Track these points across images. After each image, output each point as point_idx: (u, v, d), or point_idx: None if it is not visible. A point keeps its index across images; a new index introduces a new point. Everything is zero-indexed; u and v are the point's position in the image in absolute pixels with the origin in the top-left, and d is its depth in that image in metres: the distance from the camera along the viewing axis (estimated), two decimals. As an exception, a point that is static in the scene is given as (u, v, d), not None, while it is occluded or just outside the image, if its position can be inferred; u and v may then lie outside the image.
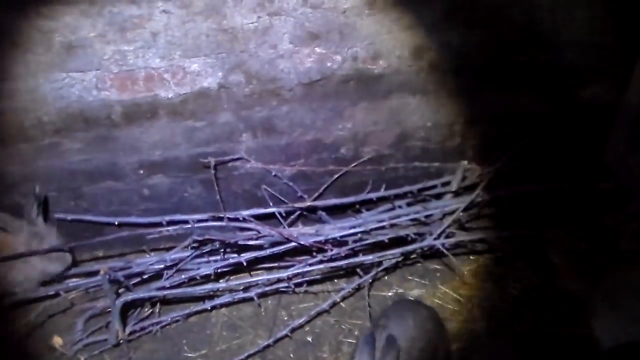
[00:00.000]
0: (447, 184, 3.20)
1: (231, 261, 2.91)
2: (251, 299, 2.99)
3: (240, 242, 2.89)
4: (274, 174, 3.02)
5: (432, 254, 3.24)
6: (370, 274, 3.03)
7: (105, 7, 2.32)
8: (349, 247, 2.94)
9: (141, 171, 2.88)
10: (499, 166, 3.16)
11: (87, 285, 2.94)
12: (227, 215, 2.92)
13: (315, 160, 3.05)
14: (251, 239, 2.89)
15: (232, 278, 3.09)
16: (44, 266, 2.85)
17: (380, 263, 3.05)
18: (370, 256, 2.97)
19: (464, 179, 3.19)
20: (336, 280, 3.21)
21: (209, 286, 2.93)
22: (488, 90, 2.98)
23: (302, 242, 2.87)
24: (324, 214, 3.13)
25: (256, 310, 3.09)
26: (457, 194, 3.18)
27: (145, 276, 2.95)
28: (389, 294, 3.17)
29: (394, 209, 3.09)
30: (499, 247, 3.24)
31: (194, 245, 2.91)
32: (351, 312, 3.10)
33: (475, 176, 3.15)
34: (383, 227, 3.00)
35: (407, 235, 3.00)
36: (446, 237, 3.02)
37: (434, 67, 2.81)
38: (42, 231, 2.84)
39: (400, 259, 3.12)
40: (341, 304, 3.12)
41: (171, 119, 2.71)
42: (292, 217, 3.15)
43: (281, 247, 2.91)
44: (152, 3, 2.34)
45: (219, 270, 2.94)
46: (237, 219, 2.95)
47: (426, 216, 3.05)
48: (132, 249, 3.17)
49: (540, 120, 3.17)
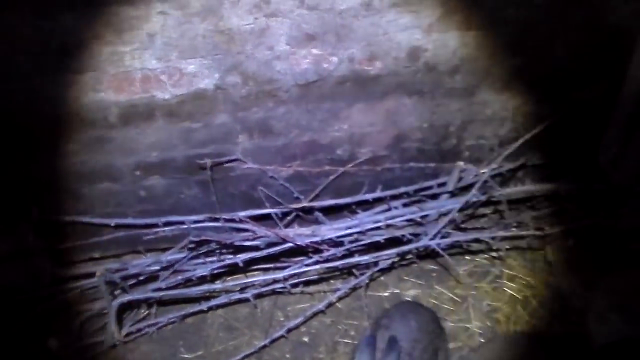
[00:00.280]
0: (443, 184, 3.20)
1: (227, 262, 2.92)
2: (247, 300, 3.00)
3: (237, 243, 2.90)
4: (270, 175, 3.02)
5: (428, 254, 3.26)
6: (366, 275, 3.05)
7: (101, 8, 2.31)
8: (345, 247, 2.96)
9: (138, 172, 2.88)
10: (495, 167, 3.18)
11: (84, 287, 2.93)
12: (223, 217, 2.93)
13: (311, 161, 3.05)
14: (247, 239, 2.90)
15: (228, 279, 3.11)
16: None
17: (376, 263, 3.07)
18: (366, 256, 2.98)
19: (460, 179, 3.19)
20: (332, 281, 3.22)
21: (205, 287, 2.94)
22: (484, 91, 2.98)
23: (298, 243, 2.88)
24: (320, 214, 3.13)
25: (252, 311, 3.11)
26: (453, 194, 3.18)
27: (142, 277, 2.95)
28: (385, 294, 3.19)
29: (390, 209, 3.09)
30: (494, 247, 3.26)
31: (190, 247, 2.92)
32: (347, 313, 3.11)
33: (471, 177, 3.16)
34: (379, 228, 3.01)
35: (403, 235, 3.01)
36: (442, 237, 3.03)
37: (430, 68, 2.82)
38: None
39: (396, 259, 3.13)
40: (337, 304, 3.14)
41: (168, 120, 2.71)
42: (288, 218, 3.15)
43: (277, 247, 2.92)
44: (149, 4, 2.33)
45: (215, 271, 2.95)
46: (233, 220, 2.96)
47: (422, 217, 3.06)
48: (129, 250, 3.17)
49: (536, 121, 3.18)
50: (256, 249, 2.92)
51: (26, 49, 2.40)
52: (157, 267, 2.94)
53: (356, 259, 2.98)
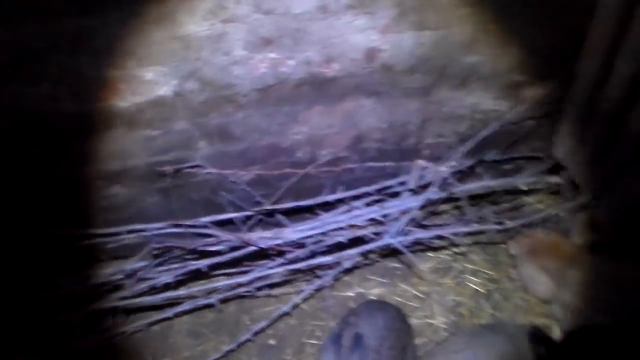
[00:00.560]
0: (404, 183, 3.23)
1: (191, 268, 2.92)
2: (212, 305, 3.01)
3: (200, 249, 2.90)
4: (231, 179, 3.01)
5: (391, 252, 3.29)
6: (331, 275, 3.06)
7: (58, 18, 2.29)
8: (308, 249, 2.97)
9: (99, 182, 2.86)
10: (454, 164, 3.21)
11: (48, 298, 2.91)
12: (185, 223, 2.92)
13: (272, 165, 3.05)
14: (210, 244, 2.90)
15: (192, 285, 3.09)
16: None
17: (339, 264, 3.08)
18: (329, 257, 3.00)
19: (420, 177, 3.22)
20: (297, 283, 3.24)
21: (169, 294, 2.94)
22: (441, 90, 3.01)
23: (261, 246, 2.89)
24: (282, 217, 3.14)
25: (218, 316, 3.11)
26: (414, 192, 3.21)
27: (106, 287, 2.93)
28: (350, 294, 3.21)
29: (351, 209, 3.11)
30: (456, 243, 3.29)
31: (154, 254, 2.91)
32: (313, 314, 3.14)
33: (431, 175, 3.19)
34: (341, 228, 3.03)
35: (365, 235, 3.03)
36: (404, 235, 3.05)
37: (387, 68, 2.83)
38: None
39: (359, 259, 3.16)
40: (302, 305, 3.16)
41: (127, 128, 2.69)
42: (250, 221, 3.14)
43: (240, 251, 2.93)
44: (105, 13, 2.32)
45: (179, 278, 2.95)
46: (195, 226, 2.95)
47: (383, 216, 3.08)
48: (91, 260, 3.14)
49: (493, 118, 3.22)
50: (219, 253, 2.92)
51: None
52: (121, 276, 2.92)
53: (319, 259, 3.00)
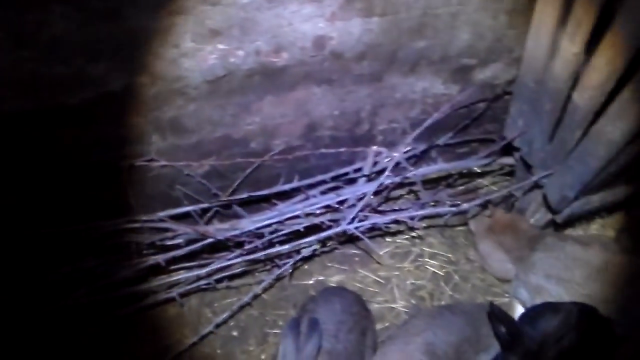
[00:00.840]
0: (359, 169, 3.26)
1: (150, 263, 2.91)
2: (173, 299, 3.01)
3: (158, 243, 2.90)
4: (186, 173, 3.00)
5: (349, 239, 3.32)
6: (289, 264, 3.08)
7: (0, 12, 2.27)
8: (266, 238, 2.99)
9: (52, 180, 2.84)
10: (407, 149, 3.25)
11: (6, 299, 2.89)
12: (142, 218, 2.92)
13: (226, 156, 3.04)
14: (168, 238, 2.90)
15: (153, 280, 3.08)
16: None
17: (298, 252, 3.11)
18: (287, 246, 3.02)
19: (375, 163, 3.25)
20: (257, 273, 3.25)
21: (130, 290, 2.92)
22: (391, 76, 3.04)
23: (219, 237, 2.90)
24: (239, 208, 3.14)
25: (180, 310, 3.11)
26: (369, 179, 3.24)
27: (65, 285, 2.92)
28: (310, 282, 3.23)
29: (307, 198, 3.13)
30: (413, 227, 3.33)
31: (112, 250, 2.90)
32: (274, 303, 3.15)
33: (386, 160, 3.22)
34: (298, 217, 3.04)
35: (322, 222, 3.05)
36: (360, 221, 3.07)
37: (336, 56, 2.85)
38: None
39: (317, 246, 3.19)
40: (263, 296, 3.17)
41: (79, 125, 2.68)
42: (208, 214, 3.15)
43: (198, 244, 2.93)
44: (49, 7, 2.30)
45: (139, 274, 2.93)
46: (152, 220, 2.94)
47: (339, 202, 3.10)
48: (50, 258, 3.12)
49: (444, 102, 3.26)
50: (177, 247, 2.92)
51: None
52: (80, 274, 2.90)
53: (277, 249, 3.02)
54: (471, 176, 3.57)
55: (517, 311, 2.89)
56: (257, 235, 2.99)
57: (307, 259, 3.24)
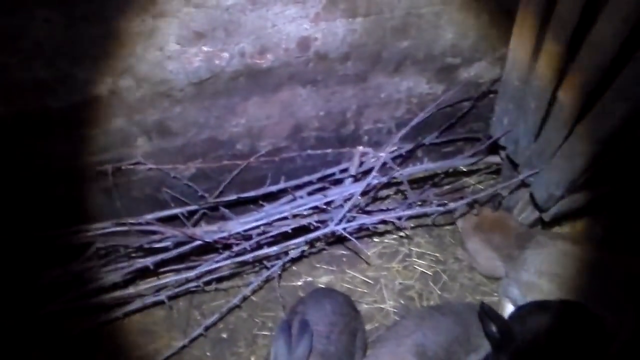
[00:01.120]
0: (345, 170, 3.27)
1: (138, 266, 2.90)
2: (162, 302, 3.00)
3: (145, 246, 2.89)
4: (173, 175, 3.01)
5: (337, 240, 3.32)
6: (278, 265, 3.08)
7: (-18, 19, 2.27)
8: (254, 240, 2.98)
9: (39, 183, 2.83)
10: (393, 149, 3.25)
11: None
12: (129, 221, 2.91)
13: (212, 159, 3.06)
14: (155, 241, 2.90)
15: (141, 283, 3.08)
16: None
17: (286, 253, 3.11)
18: (275, 247, 3.02)
19: (361, 164, 3.26)
20: (245, 275, 3.24)
21: (118, 294, 2.92)
22: (376, 76, 3.05)
23: (207, 240, 2.89)
24: (226, 210, 3.14)
25: (168, 313, 3.10)
26: (356, 179, 3.24)
27: (52, 289, 2.91)
28: (299, 283, 3.23)
29: (295, 199, 3.14)
30: (401, 227, 3.33)
31: (99, 254, 2.89)
32: (263, 305, 3.14)
33: (372, 160, 3.23)
34: (285, 218, 3.04)
35: (310, 223, 3.05)
36: (347, 221, 3.07)
37: (321, 57, 2.86)
38: None
39: (305, 247, 3.18)
40: (252, 297, 3.16)
41: (64, 128, 2.68)
42: (195, 216, 3.15)
43: (186, 246, 2.93)
44: (32, 12, 2.30)
45: (127, 277, 2.93)
46: (139, 223, 2.94)
47: (327, 203, 3.11)
48: (36, 262, 3.11)
49: (429, 102, 3.27)
50: (165, 250, 2.92)
51: None
52: (67, 278, 2.90)
53: (266, 250, 3.02)
54: (457, 175, 3.58)
55: (507, 310, 2.90)
56: (245, 237, 2.99)
57: (295, 260, 3.24)
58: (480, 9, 2.98)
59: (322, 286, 3.18)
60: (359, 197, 3.11)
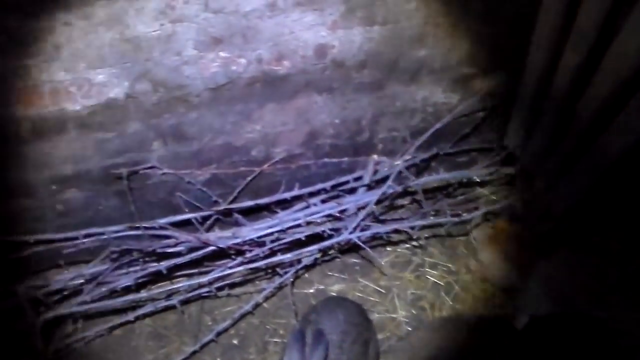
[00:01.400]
0: (360, 178, 3.26)
1: (151, 270, 2.91)
2: (174, 307, 3.00)
3: (159, 250, 2.89)
4: (187, 180, 3.01)
5: (350, 248, 3.31)
6: (291, 273, 3.07)
7: (2, 21, 2.28)
8: (267, 247, 2.98)
9: (53, 186, 2.84)
10: (408, 158, 3.25)
11: (5, 307, 2.87)
12: (143, 225, 2.91)
13: (227, 164, 3.05)
14: (169, 246, 2.89)
15: (153, 287, 3.09)
16: None
17: (299, 261, 3.10)
18: (288, 255, 3.01)
19: (375, 172, 3.25)
20: (257, 282, 3.25)
21: (130, 297, 2.92)
22: (392, 84, 3.05)
23: (220, 246, 2.89)
24: (240, 216, 3.14)
25: (180, 318, 3.10)
26: (370, 187, 3.24)
27: (65, 292, 2.91)
28: (311, 290, 3.22)
29: (308, 206, 3.13)
30: (414, 236, 3.32)
31: (112, 257, 2.90)
32: (275, 312, 3.14)
33: (386, 169, 3.22)
34: (299, 225, 3.04)
35: (324, 231, 3.05)
36: (361, 230, 3.07)
37: (337, 64, 2.86)
38: None
39: (318, 255, 3.17)
40: (264, 304, 3.16)
41: (80, 132, 2.67)
42: (208, 222, 3.15)
43: (199, 252, 2.92)
44: (52, 15, 2.31)
45: (139, 281, 2.93)
46: (153, 228, 2.93)
47: (341, 211, 3.10)
48: (49, 265, 3.12)
49: (445, 111, 3.26)
50: (179, 255, 2.92)
51: None
52: (80, 281, 2.90)
53: (279, 257, 3.01)
54: (471, 186, 3.56)
55: (522, 322, 2.89)
56: (259, 243, 2.99)
57: (308, 267, 3.23)
58: (498, 19, 2.96)
59: (335, 294, 3.18)
60: (373, 206, 3.10)
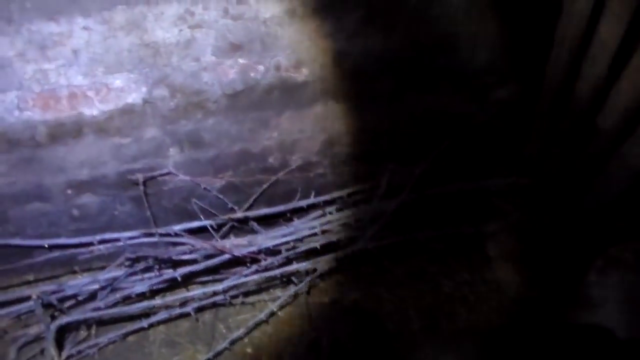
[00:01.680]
0: (376, 187, 3.24)
1: (166, 277, 2.90)
2: (188, 314, 2.99)
3: (174, 257, 2.88)
4: (203, 186, 3.01)
5: (366, 257, 3.28)
6: (306, 281, 3.06)
7: (23, 25, 2.28)
8: (283, 255, 2.97)
9: (69, 191, 2.84)
10: (424, 167, 3.23)
11: (19, 312, 2.87)
12: (158, 231, 2.91)
13: (243, 171, 3.05)
14: (184, 253, 2.89)
15: (167, 294, 3.08)
16: None
17: (314, 270, 3.07)
18: (303, 263, 3.00)
19: (391, 181, 3.23)
20: (272, 290, 3.22)
21: (144, 304, 2.91)
22: (410, 93, 3.03)
23: (236, 254, 2.88)
24: (255, 224, 3.14)
25: (194, 325, 3.08)
26: (386, 196, 3.22)
27: (79, 298, 2.90)
28: (326, 300, 3.20)
29: (324, 215, 3.12)
30: (430, 246, 3.30)
31: (127, 264, 2.89)
32: (289, 321, 3.12)
33: (402, 178, 3.20)
34: (315, 234, 3.03)
35: (339, 240, 3.03)
36: (377, 239, 3.05)
37: (356, 72, 2.85)
38: None
39: (334, 264, 3.15)
40: (279, 313, 3.14)
41: (97, 136, 2.68)
42: (224, 229, 3.14)
43: (215, 259, 2.91)
44: (72, 20, 2.31)
45: (154, 287, 2.92)
46: (168, 234, 2.93)
47: (356, 220, 3.08)
48: (64, 270, 3.12)
49: (462, 120, 3.25)
50: (194, 262, 2.91)
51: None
52: (94, 287, 2.89)
53: (294, 266, 3.00)
54: (488, 195, 3.54)
55: (536, 333, 2.86)
56: (274, 251, 2.98)
57: (323, 276, 3.21)
58: (518, 28, 2.95)
59: (350, 304, 3.16)
60: (389, 215, 3.08)
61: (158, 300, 2.98)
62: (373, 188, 3.26)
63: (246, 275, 2.96)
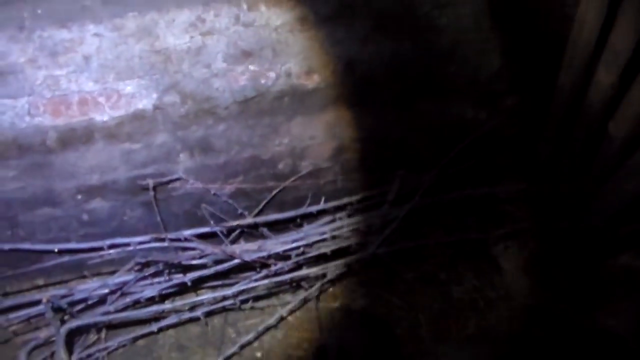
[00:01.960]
0: (385, 193, 3.24)
1: (175, 282, 2.91)
2: (197, 319, 2.99)
3: (184, 262, 2.89)
4: (213, 192, 3.01)
5: (376, 263, 3.27)
6: (316, 287, 3.06)
7: (34, 32, 2.29)
8: (292, 261, 2.97)
9: (79, 196, 2.85)
10: (435, 173, 3.22)
11: (29, 315, 2.88)
12: (168, 236, 2.91)
13: (253, 177, 3.06)
14: (194, 258, 2.89)
15: (177, 299, 3.09)
16: None
17: (324, 275, 3.08)
18: (313, 269, 3.00)
19: (401, 187, 3.23)
20: (282, 295, 3.22)
21: (154, 308, 2.91)
22: (420, 100, 3.03)
23: (246, 259, 2.88)
24: (265, 229, 3.14)
25: (203, 330, 3.09)
26: (396, 202, 3.21)
27: (89, 302, 2.91)
28: (335, 305, 3.20)
29: (334, 220, 3.12)
30: (440, 252, 3.30)
31: (137, 268, 2.90)
32: (299, 326, 3.12)
33: (412, 184, 3.20)
34: (325, 240, 3.03)
35: (349, 245, 3.03)
36: (387, 245, 3.05)
37: (366, 79, 2.85)
38: None
39: (344, 270, 3.15)
40: (288, 318, 3.14)
41: (107, 142, 2.69)
42: (233, 234, 3.15)
43: (225, 264, 2.92)
44: (83, 27, 2.32)
45: (163, 292, 2.93)
46: (178, 239, 2.94)
47: (366, 226, 3.08)
48: (74, 275, 3.13)
49: (472, 127, 3.24)
50: (204, 267, 2.92)
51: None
52: (104, 291, 2.90)
53: (304, 271, 3.00)
54: (498, 202, 3.53)
55: (545, 340, 2.86)
56: (284, 257, 2.98)
57: (333, 281, 3.21)
58: (529, 35, 2.94)
59: (360, 310, 3.16)
60: (399, 221, 3.07)
61: (168, 305, 2.97)
62: (383, 194, 3.25)
63: (256, 280, 2.96)
